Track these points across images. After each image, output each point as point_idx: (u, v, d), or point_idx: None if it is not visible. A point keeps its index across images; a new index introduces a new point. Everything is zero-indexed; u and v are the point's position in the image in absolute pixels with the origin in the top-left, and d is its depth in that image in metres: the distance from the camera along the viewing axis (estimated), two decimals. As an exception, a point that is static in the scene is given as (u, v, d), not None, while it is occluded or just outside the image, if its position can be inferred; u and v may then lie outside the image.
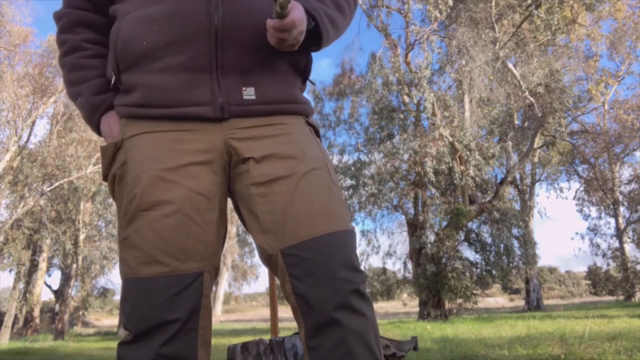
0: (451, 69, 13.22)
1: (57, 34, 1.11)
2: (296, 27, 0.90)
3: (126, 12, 1.01)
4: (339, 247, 0.93)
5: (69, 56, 1.07)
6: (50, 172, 14.20)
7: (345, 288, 0.89)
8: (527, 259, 14.17)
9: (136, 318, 0.88)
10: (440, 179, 12.86)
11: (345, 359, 0.87)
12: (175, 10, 0.96)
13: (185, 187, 0.92)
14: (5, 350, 9.62)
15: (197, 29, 0.95)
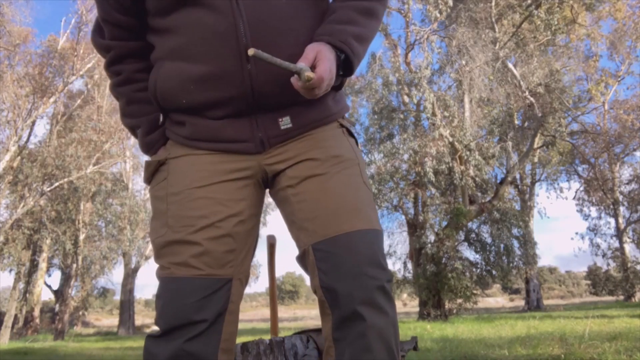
0: (451, 69, 13.22)
1: (107, 65, 1.14)
2: (324, 83, 0.90)
3: (162, 55, 1.05)
4: (366, 245, 0.96)
5: (124, 87, 1.12)
6: (50, 172, 14.20)
7: (370, 284, 0.92)
8: (527, 259, 14.17)
9: (167, 315, 0.94)
10: (440, 179, 12.86)
11: (364, 355, 0.90)
12: (211, 74, 0.98)
13: (218, 201, 1.00)
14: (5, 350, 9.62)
15: (234, 92, 0.99)
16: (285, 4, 1.00)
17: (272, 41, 0.97)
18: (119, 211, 17.08)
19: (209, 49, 0.97)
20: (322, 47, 0.93)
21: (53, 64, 14.74)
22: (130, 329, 19.63)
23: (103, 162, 14.98)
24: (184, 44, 1.00)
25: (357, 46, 0.99)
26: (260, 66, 0.96)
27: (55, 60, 14.80)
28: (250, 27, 0.96)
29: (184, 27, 0.99)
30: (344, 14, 1.02)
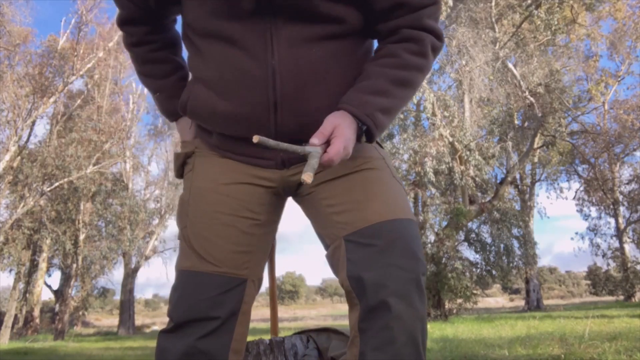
0: (451, 69, 13.22)
1: (118, 23, 1.15)
2: (334, 163, 0.87)
3: (197, 75, 1.06)
4: (398, 234, 0.94)
5: (137, 48, 1.14)
6: (50, 172, 14.20)
7: (401, 275, 0.89)
8: (527, 259, 14.17)
9: (182, 308, 0.96)
10: (440, 179, 12.86)
11: (387, 347, 0.87)
12: (239, 115, 1.00)
13: (237, 201, 1.03)
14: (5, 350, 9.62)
15: (259, 133, 0.98)
16: (320, 54, 0.98)
17: (303, 93, 0.97)
18: (119, 211, 17.09)
19: (239, 92, 0.98)
20: (341, 120, 0.90)
21: (53, 64, 14.74)
22: (130, 329, 19.64)
23: (103, 162, 14.99)
24: (217, 78, 1.00)
25: (382, 119, 0.95)
26: (287, 116, 0.97)
27: (55, 60, 14.80)
28: (283, 78, 0.95)
29: (219, 61, 0.99)
30: (376, 84, 0.96)
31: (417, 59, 0.98)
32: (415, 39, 0.98)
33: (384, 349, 0.87)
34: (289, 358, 1.17)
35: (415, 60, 0.98)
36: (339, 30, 0.98)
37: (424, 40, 0.99)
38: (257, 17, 0.94)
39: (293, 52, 0.95)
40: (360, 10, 1.00)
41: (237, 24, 0.96)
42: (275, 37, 0.95)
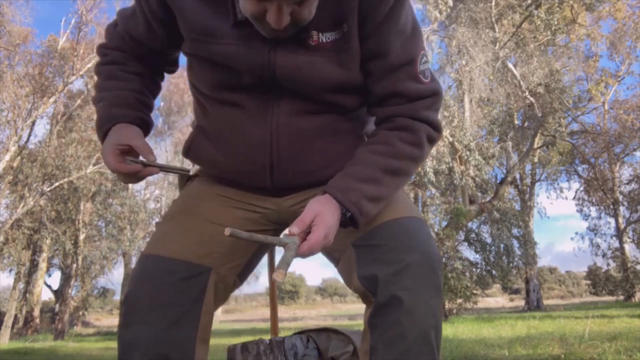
0: (451, 69, 13.22)
1: (100, 46, 1.12)
2: (315, 251, 0.85)
3: (202, 124, 1.08)
4: (407, 232, 0.94)
5: (107, 66, 1.10)
6: (50, 172, 14.20)
7: (414, 271, 0.88)
8: (527, 259, 14.17)
9: (142, 293, 0.93)
10: (440, 179, 12.86)
11: (398, 342, 0.86)
12: (237, 170, 1.04)
13: (224, 216, 1.05)
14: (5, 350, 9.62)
15: (257, 184, 1.05)
16: (318, 124, 1.00)
17: (299, 158, 1.00)
18: (119, 211, 17.09)
19: (239, 151, 1.01)
20: (324, 208, 0.88)
21: (53, 64, 14.74)
22: (130, 329, 19.61)
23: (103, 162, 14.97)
24: (218, 134, 1.04)
25: (369, 207, 0.92)
26: (283, 175, 1.01)
27: (55, 60, 14.80)
28: (281, 143, 0.99)
29: (222, 119, 1.03)
30: (366, 171, 0.94)
31: (410, 148, 0.97)
32: (410, 128, 0.98)
33: (394, 344, 0.86)
34: (289, 358, 1.17)
35: (409, 150, 0.97)
36: (338, 110, 1.02)
37: (419, 130, 0.98)
38: (262, 91, 0.98)
39: (292, 120, 0.98)
40: (360, 96, 1.03)
41: (241, 93, 0.99)
42: (276, 107, 0.98)
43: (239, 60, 0.95)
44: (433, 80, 1.01)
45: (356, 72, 0.98)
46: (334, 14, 0.94)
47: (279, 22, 0.84)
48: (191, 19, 0.97)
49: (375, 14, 0.93)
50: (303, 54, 0.94)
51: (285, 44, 0.93)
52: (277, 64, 0.93)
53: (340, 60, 0.95)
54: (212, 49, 0.96)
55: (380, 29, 0.94)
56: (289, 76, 0.94)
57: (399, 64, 0.96)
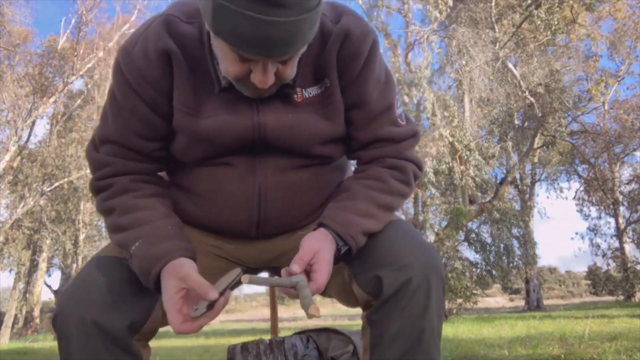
0: (451, 69, 13.22)
1: (95, 179, 1.00)
2: (322, 289, 0.87)
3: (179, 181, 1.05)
4: (394, 233, 0.95)
5: (118, 197, 0.96)
6: (50, 172, 14.20)
7: (414, 266, 0.88)
8: (527, 259, 14.17)
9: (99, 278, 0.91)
10: (440, 179, 12.86)
11: (400, 337, 0.87)
12: (221, 229, 1.03)
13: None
14: (5, 350, 9.62)
15: (241, 239, 1.04)
16: (304, 177, 1.01)
17: (285, 212, 1.00)
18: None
19: (224, 210, 1.01)
20: (321, 245, 0.88)
21: (53, 64, 14.74)
22: (130, 329, 19.63)
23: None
24: (200, 193, 1.02)
25: (362, 241, 0.94)
26: (269, 229, 1.02)
27: (55, 60, 14.80)
28: (268, 201, 0.99)
29: (207, 180, 1.01)
30: (363, 206, 0.96)
31: (402, 186, 1.01)
32: (400, 167, 1.02)
33: (395, 340, 0.88)
34: (289, 358, 1.17)
35: (400, 187, 1.01)
36: (324, 162, 1.04)
37: (407, 169, 1.02)
38: (249, 150, 0.98)
39: (280, 177, 0.99)
40: (346, 146, 1.06)
41: (228, 157, 0.99)
42: (264, 164, 0.99)
43: (228, 131, 0.94)
44: (409, 122, 1.06)
45: (341, 124, 1.01)
46: (315, 70, 0.97)
47: (265, 81, 0.84)
48: (181, 92, 0.95)
49: (352, 67, 0.97)
50: (291, 112, 0.95)
51: (272, 104, 0.95)
52: (267, 126, 0.95)
53: (325, 113, 0.98)
54: (199, 124, 0.95)
55: (358, 80, 0.98)
56: (280, 136, 0.96)
57: (379, 111, 1.01)
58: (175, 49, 0.93)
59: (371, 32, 0.99)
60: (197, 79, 0.95)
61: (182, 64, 0.94)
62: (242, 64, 0.84)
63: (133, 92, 0.95)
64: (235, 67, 0.85)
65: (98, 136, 1.01)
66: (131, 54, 0.94)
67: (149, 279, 0.88)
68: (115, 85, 0.97)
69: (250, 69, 0.85)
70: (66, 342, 0.87)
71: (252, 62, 0.83)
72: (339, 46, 0.96)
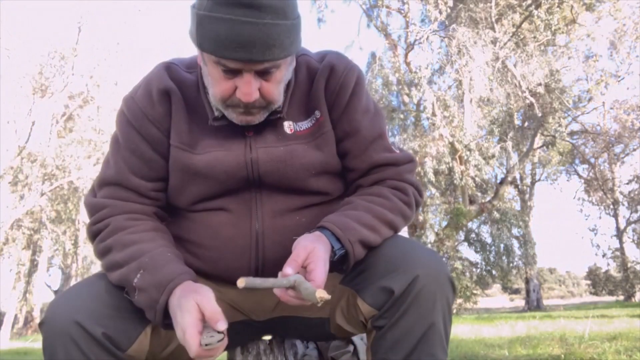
0: (451, 69, 13.22)
1: (92, 222, 0.99)
2: (321, 287, 0.86)
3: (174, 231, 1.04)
4: (398, 245, 0.95)
5: (114, 236, 0.95)
6: (50, 172, 14.20)
7: (405, 277, 0.87)
8: (527, 259, 14.17)
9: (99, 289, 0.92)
10: (440, 179, 12.86)
11: (405, 337, 0.87)
12: (220, 277, 1.02)
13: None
14: (5, 350, 9.62)
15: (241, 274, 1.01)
16: (303, 221, 1.01)
17: (285, 257, 0.97)
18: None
19: (220, 258, 0.99)
20: (315, 244, 0.87)
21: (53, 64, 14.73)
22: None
23: (103, 162, 14.98)
24: (194, 242, 1.02)
25: (360, 251, 0.93)
26: (268, 273, 0.97)
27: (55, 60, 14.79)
28: (266, 247, 0.99)
29: (203, 227, 1.01)
30: (364, 216, 0.95)
31: (404, 206, 1.02)
32: (402, 189, 1.03)
33: (399, 340, 0.87)
34: (289, 358, 1.17)
35: (402, 207, 1.01)
36: (321, 200, 1.04)
37: (408, 190, 1.03)
38: (244, 191, 0.99)
39: (277, 221, 1.00)
40: (344, 181, 1.08)
41: (222, 199, 0.99)
42: (259, 209, 0.99)
43: (221, 166, 0.97)
44: (403, 150, 1.08)
45: (333, 155, 1.03)
46: (305, 105, 1.02)
47: (249, 93, 0.88)
48: (178, 129, 0.99)
49: (339, 98, 1.02)
50: (282, 144, 0.99)
51: (263, 139, 0.98)
52: (259, 160, 0.97)
53: (317, 144, 1.01)
54: (193, 160, 0.98)
55: (347, 110, 1.02)
56: (273, 169, 0.98)
57: (372, 137, 1.04)
58: (175, 89, 1.00)
59: (355, 67, 1.05)
60: (193, 117, 1.00)
61: (180, 103, 1.00)
62: (227, 81, 0.89)
63: (135, 131, 1.00)
64: (222, 85, 0.90)
65: (97, 181, 1.03)
66: (134, 98, 1.01)
67: (156, 308, 0.85)
68: (118, 129, 1.03)
69: (235, 85, 0.89)
70: (50, 343, 0.85)
71: (237, 78, 0.88)
72: (325, 80, 1.02)
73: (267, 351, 1.16)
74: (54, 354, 0.84)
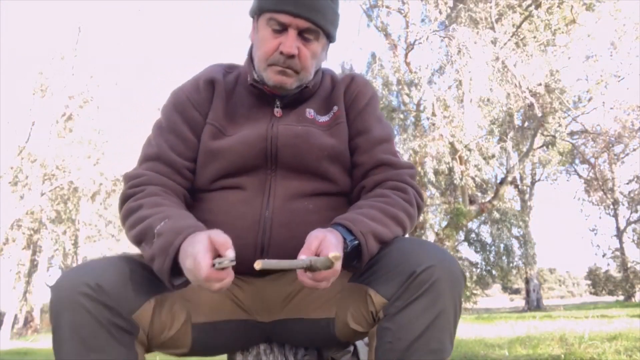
0: (451, 69, 13.22)
1: (126, 189, 1.06)
2: (335, 276, 0.88)
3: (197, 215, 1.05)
4: (407, 243, 0.97)
5: (147, 198, 1.01)
6: (50, 172, 14.20)
7: (425, 264, 0.89)
8: (527, 259, 14.17)
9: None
10: (440, 179, 12.87)
11: (414, 321, 0.88)
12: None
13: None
14: (5, 351, 9.62)
15: (243, 268, 1.00)
16: (311, 207, 1.07)
17: (291, 241, 1.01)
18: (119, 211, 17.06)
19: (230, 235, 0.97)
20: (327, 233, 0.90)
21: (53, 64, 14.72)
22: (130, 329, 19.61)
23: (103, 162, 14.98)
24: (209, 220, 1.03)
25: (373, 244, 0.95)
26: (272, 256, 1.01)
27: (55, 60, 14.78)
28: (274, 228, 1.04)
29: (215, 205, 1.08)
30: (370, 212, 1.00)
31: (406, 204, 1.07)
32: (402, 189, 1.10)
33: (411, 324, 0.88)
34: (289, 358, 1.17)
35: (405, 205, 1.07)
36: (330, 189, 1.12)
37: (408, 190, 1.10)
38: (260, 170, 1.08)
39: (286, 205, 1.06)
40: (350, 176, 1.16)
41: (240, 176, 1.08)
42: (272, 191, 1.07)
43: (246, 141, 1.08)
44: (406, 161, 1.19)
45: (346, 147, 1.15)
46: (326, 100, 1.19)
47: (291, 46, 1.05)
48: (215, 112, 1.14)
49: (357, 102, 1.18)
50: (301, 125, 1.12)
51: (286, 119, 1.13)
52: (279, 135, 1.08)
53: (332, 133, 1.14)
54: (222, 139, 1.10)
55: (362, 113, 1.18)
56: (291, 144, 1.08)
57: (381, 138, 1.16)
58: (220, 80, 1.17)
59: (372, 86, 1.24)
60: (231, 105, 1.16)
61: (222, 92, 1.16)
62: (274, 40, 1.07)
63: (177, 114, 1.14)
64: (268, 43, 1.07)
65: (139, 160, 1.13)
66: (182, 88, 1.18)
67: (169, 250, 0.88)
68: (162, 114, 1.17)
69: (280, 43, 1.06)
70: (57, 306, 0.87)
71: (282, 37, 1.06)
72: (345, 86, 1.20)
73: (267, 351, 1.16)
74: (59, 316, 0.86)
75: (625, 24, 16.63)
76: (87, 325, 0.84)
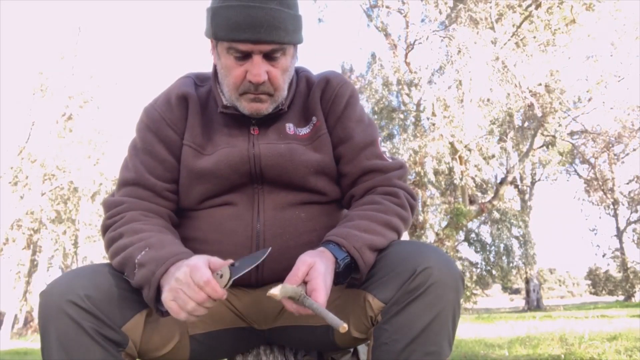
0: (451, 69, 13.21)
1: (107, 218, 1.04)
2: (324, 304, 0.87)
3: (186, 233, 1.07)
4: (405, 245, 0.96)
5: (126, 225, 0.99)
6: (50, 172, 14.19)
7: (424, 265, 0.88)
8: (527, 259, 14.17)
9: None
10: (440, 179, 12.86)
11: (412, 323, 0.87)
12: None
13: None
14: (5, 351, 9.62)
15: (242, 283, 1.04)
16: (302, 216, 1.05)
17: (285, 253, 1.01)
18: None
19: (222, 252, 0.98)
20: (315, 259, 0.88)
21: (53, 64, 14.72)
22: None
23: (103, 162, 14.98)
24: (201, 238, 1.05)
25: (370, 256, 0.94)
26: (268, 272, 1.03)
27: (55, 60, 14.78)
28: (267, 240, 1.02)
29: (206, 222, 1.06)
30: (363, 223, 0.98)
31: (397, 208, 1.04)
32: (392, 193, 1.07)
33: (408, 325, 0.87)
34: (289, 358, 1.17)
35: (396, 209, 1.04)
36: (320, 199, 1.09)
37: (399, 193, 1.07)
38: (247, 186, 1.06)
39: (277, 215, 1.04)
40: (339, 185, 1.13)
41: (227, 195, 1.05)
42: (262, 202, 1.05)
43: (226, 161, 1.03)
44: (394, 158, 1.13)
45: (331, 158, 1.10)
46: (304, 112, 1.12)
47: (258, 74, 0.97)
48: (191, 131, 1.08)
49: (334, 107, 1.12)
50: (283, 142, 1.07)
51: (266, 137, 1.07)
52: (261, 155, 1.04)
53: (315, 147, 1.09)
54: (202, 160, 1.05)
55: (342, 119, 1.11)
56: (274, 163, 1.04)
57: (364, 144, 1.11)
58: (193, 95, 1.10)
59: (349, 83, 1.16)
60: (206, 121, 1.10)
61: (195, 108, 1.10)
62: (239, 67, 0.99)
63: (152, 134, 1.09)
64: (234, 72, 1.00)
65: (117, 184, 1.11)
66: (154, 105, 1.12)
67: (151, 280, 0.87)
68: (137, 134, 1.11)
69: (246, 70, 0.99)
70: (45, 315, 0.88)
71: (247, 63, 0.98)
72: (320, 91, 1.12)
73: (267, 351, 1.16)
74: (47, 323, 0.87)
75: (625, 24, 16.63)
76: (73, 334, 0.84)
